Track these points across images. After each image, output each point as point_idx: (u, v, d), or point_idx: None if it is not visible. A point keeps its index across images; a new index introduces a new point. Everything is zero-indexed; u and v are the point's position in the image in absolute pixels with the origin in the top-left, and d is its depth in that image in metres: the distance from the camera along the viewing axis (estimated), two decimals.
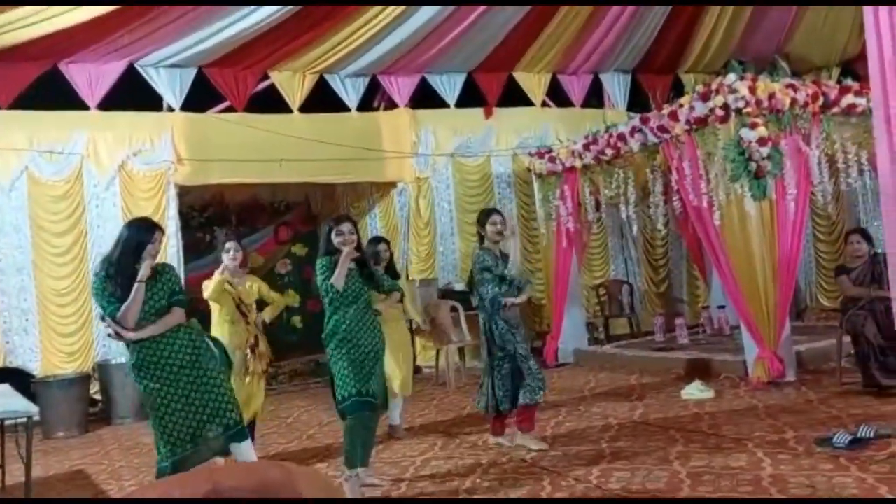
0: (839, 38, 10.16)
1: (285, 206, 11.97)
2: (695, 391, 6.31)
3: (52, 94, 8.23)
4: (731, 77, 6.45)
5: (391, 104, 10.06)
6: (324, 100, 9.58)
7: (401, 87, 9.94)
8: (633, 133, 7.44)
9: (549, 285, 9.38)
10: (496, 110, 10.28)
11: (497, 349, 5.13)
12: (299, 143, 8.87)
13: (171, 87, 8.77)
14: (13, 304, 8.04)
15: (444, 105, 10.15)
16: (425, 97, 10.11)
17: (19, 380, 7.17)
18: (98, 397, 8.02)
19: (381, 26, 8.71)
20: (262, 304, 5.71)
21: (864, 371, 5.75)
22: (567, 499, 4.10)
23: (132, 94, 8.61)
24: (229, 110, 9.06)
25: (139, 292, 3.76)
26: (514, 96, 10.48)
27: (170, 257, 8.03)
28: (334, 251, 4.54)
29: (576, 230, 8.78)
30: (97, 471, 5.81)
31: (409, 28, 8.86)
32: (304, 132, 9.01)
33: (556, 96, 10.74)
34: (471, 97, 10.23)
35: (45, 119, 8.27)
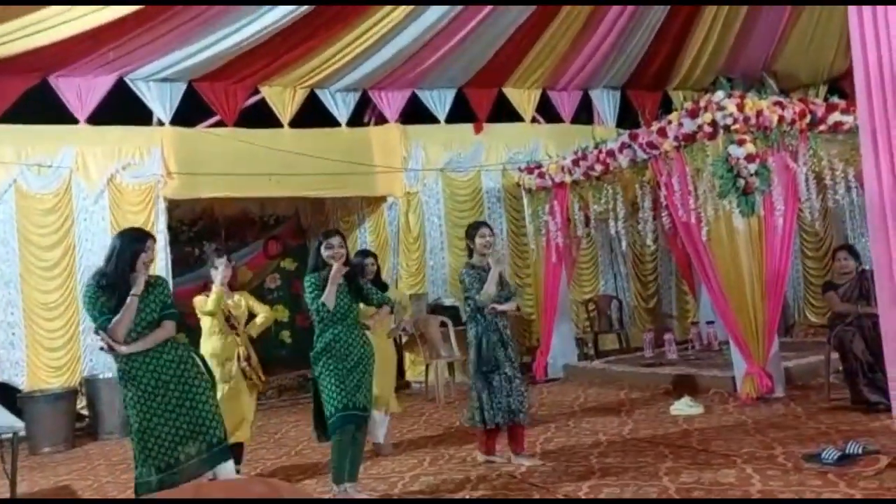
0: (826, 56, 10.27)
1: (275, 220, 11.97)
2: (684, 407, 6.32)
3: (41, 107, 8.20)
4: (720, 94, 6.50)
5: (381, 119, 10.08)
6: (314, 114, 9.59)
7: (391, 102, 9.96)
8: (622, 149, 7.48)
9: (539, 300, 9.38)
10: (486, 126, 10.31)
11: (483, 363, 5.10)
12: (289, 157, 8.88)
13: (161, 101, 8.75)
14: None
15: (435, 120, 10.18)
16: (416, 112, 10.14)
17: (5, 394, 7.14)
18: (85, 412, 7.94)
19: (372, 42, 8.73)
20: (251, 317, 5.68)
21: (851, 387, 5.77)
22: None
23: (122, 108, 8.58)
24: (219, 124, 9.05)
25: (132, 305, 3.74)
26: (504, 112, 10.52)
27: (158, 271, 7.98)
28: (323, 266, 4.56)
29: (565, 245, 8.80)
30: (83, 486, 5.74)
31: (400, 43, 8.90)
32: (295, 146, 9.01)
33: (546, 112, 10.79)
34: (461, 112, 10.26)
35: (34, 132, 8.25)
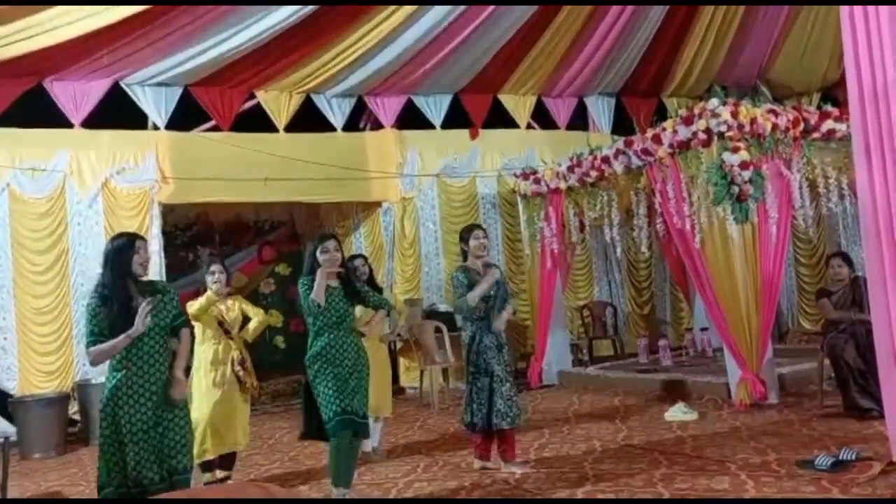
0: (819, 64, 10.32)
1: (269, 225, 11.97)
2: (678, 413, 6.33)
3: (35, 111, 8.18)
4: (714, 102, 6.52)
5: (377, 124, 10.09)
6: (310, 119, 9.58)
7: (387, 107, 9.96)
8: (616, 156, 7.49)
9: (534, 306, 9.39)
10: (481, 132, 10.33)
11: (472, 364, 5.08)
12: (284, 162, 8.89)
13: (156, 106, 8.73)
14: None
15: (430, 126, 10.19)
16: (411, 118, 10.14)
17: None
18: (77, 417, 7.91)
19: (368, 47, 8.74)
20: (245, 320, 5.67)
21: (844, 394, 5.79)
22: None
23: (117, 112, 8.58)
24: (215, 129, 9.04)
25: (119, 344, 3.65)
26: (500, 118, 10.54)
27: (153, 275, 7.93)
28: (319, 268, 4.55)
29: (560, 252, 8.81)
30: (75, 493, 5.71)
31: (396, 49, 8.90)
32: (290, 152, 9.01)
33: (541, 118, 10.81)
34: (456, 118, 10.27)
35: (28, 136, 8.22)
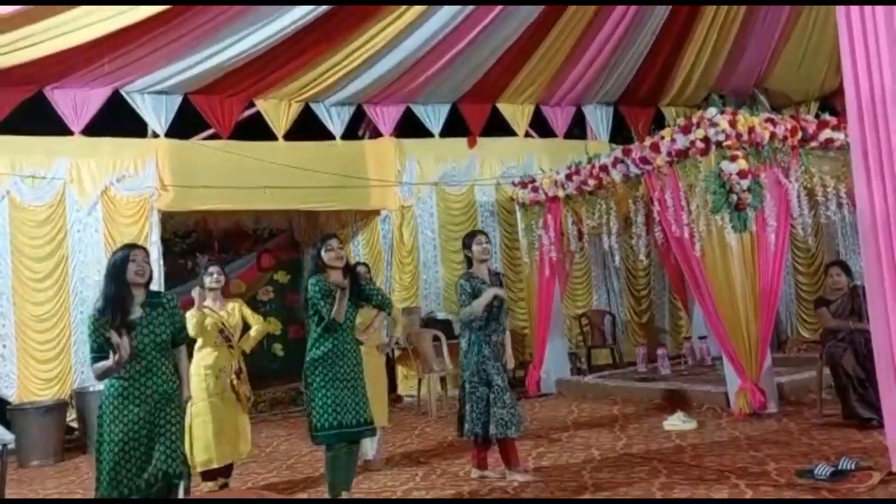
0: (817, 73, 10.34)
1: (268, 233, 11.97)
2: (677, 422, 6.32)
3: (35, 118, 8.19)
4: (712, 111, 6.55)
5: (376, 133, 10.11)
6: (309, 128, 9.60)
7: (386, 116, 9.98)
8: (615, 164, 7.51)
9: (532, 315, 9.38)
10: (480, 140, 10.35)
11: (470, 374, 5.08)
12: (283, 170, 8.90)
13: (156, 114, 8.74)
14: None
15: (429, 134, 10.21)
16: (410, 126, 10.16)
17: None
18: (75, 425, 7.89)
19: (367, 56, 8.77)
20: (246, 327, 5.66)
21: (843, 403, 5.79)
22: None
23: (117, 120, 8.58)
24: (214, 137, 9.06)
25: (113, 369, 3.63)
26: (498, 126, 10.56)
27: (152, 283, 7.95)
28: (324, 268, 4.60)
29: (558, 260, 8.81)
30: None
31: (395, 58, 8.93)
32: (289, 160, 9.02)
33: (540, 127, 10.83)
34: (455, 127, 10.29)
35: (29, 144, 8.23)
